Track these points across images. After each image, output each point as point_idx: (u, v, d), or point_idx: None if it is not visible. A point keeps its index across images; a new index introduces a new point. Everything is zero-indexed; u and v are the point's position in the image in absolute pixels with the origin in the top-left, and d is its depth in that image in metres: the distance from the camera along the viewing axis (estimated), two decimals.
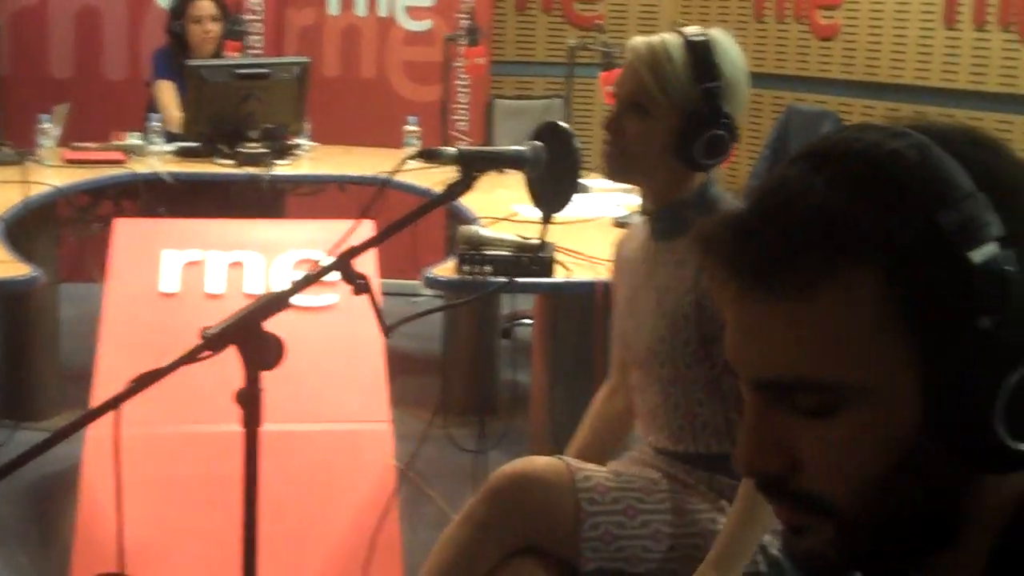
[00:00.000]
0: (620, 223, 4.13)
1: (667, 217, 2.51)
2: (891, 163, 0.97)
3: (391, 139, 6.10)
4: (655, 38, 2.46)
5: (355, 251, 2.15)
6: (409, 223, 2.21)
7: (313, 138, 5.85)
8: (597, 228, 4.00)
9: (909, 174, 0.96)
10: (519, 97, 7.03)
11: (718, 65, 2.42)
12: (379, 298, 2.20)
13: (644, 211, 2.59)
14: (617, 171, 2.53)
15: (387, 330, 2.21)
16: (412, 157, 2.35)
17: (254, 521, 2.09)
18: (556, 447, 3.26)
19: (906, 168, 0.96)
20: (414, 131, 5.75)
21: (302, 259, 4.12)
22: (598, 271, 3.41)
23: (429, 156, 2.30)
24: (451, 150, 2.28)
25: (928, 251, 0.94)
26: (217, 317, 3.82)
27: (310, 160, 5.65)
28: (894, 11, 6.54)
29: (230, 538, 3.34)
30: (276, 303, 2.06)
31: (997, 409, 0.93)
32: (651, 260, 2.54)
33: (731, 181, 6.45)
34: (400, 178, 5.18)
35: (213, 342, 1.99)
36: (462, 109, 7.22)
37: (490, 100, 6.62)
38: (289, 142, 5.54)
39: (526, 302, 5.82)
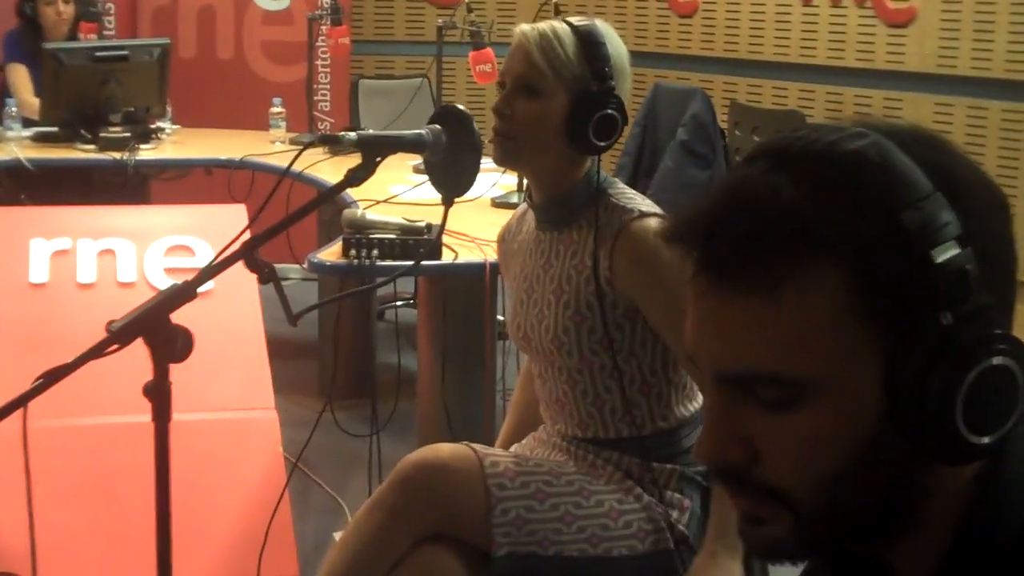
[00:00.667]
0: (498, 203, 4.14)
1: (555, 207, 2.51)
2: (853, 163, 0.99)
3: (253, 121, 6.02)
4: (542, 24, 2.48)
5: (259, 239, 2.11)
6: (314, 208, 2.17)
7: (174, 121, 5.74)
8: (476, 209, 3.99)
9: (871, 174, 0.98)
10: (382, 77, 6.98)
11: (605, 47, 2.44)
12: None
13: (530, 202, 2.58)
14: (508, 154, 2.51)
15: (294, 319, 2.17)
16: (310, 145, 2.30)
17: (167, 514, 2.04)
18: (449, 430, 3.26)
19: (868, 168, 0.98)
20: (279, 112, 5.68)
21: (175, 246, 4.05)
22: (485, 252, 3.40)
23: (329, 142, 2.26)
24: (352, 135, 2.25)
25: (892, 250, 0.96)
26: (89, 307, 3.79)
27: (173, 144, 5.54)
28: None
29: (128, 532, 3.31)
30: (182, 294, 2.01)
31: (957, 403, 0.96)
32: (545, 251, 2.54)
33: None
34: (267, 161, 5.13)
35: (120, 335, 1.94)
36: (323, 89, 7.14)
37: (354, 80, 6.56)
38: (152, 125, 5.43)
39: (403, 284, 5.80)
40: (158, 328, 1.97)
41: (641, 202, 2.45)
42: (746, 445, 1.02)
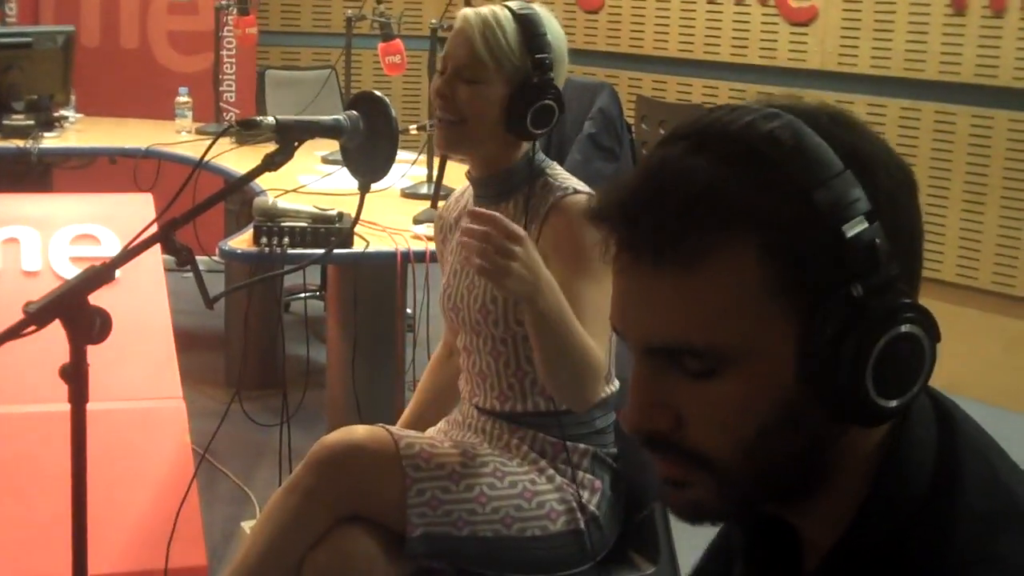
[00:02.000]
0: (407, 193, 4.15)
1: (493, 183, 2.55)
2: (768, 144, 1.03)
3: (158, 110, 5.96)
4: (484, 9, 2.50)
5: (177, 223, 2.11)
6: (232, 192, 2.18)
7: (78, 110, 5.67)
8: (386, 198, 4.01)
9: (785, 154, 1.02)
10: (289, 67, 6.95)
11: (546, 36, 2.47)
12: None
13: (469, 176, 2.62)
14: (450, 141, 2.53)
15: (210, 302, 2.17)
16: (227, 130, 2.30)
17: (83, 497, 2.04)
18: (359, 420, 3.26)
19: (781, 148, 1.03)
20: (185, 102, 5.63)
21: (80, 234, 4.01)
22: (396, 241, 3.42)
23: (247, 126, 2.26)
24: (269, 120, 2.25)
25: (805, 226, 1.01)
26: None
27: (77, 132, 5.48)
28: None
29: (37, 520, 3.28)
30: (100, 276, 2.01)
31: (867, 369, 1.01)
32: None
33: None
34: (171, 149, 5.10)
35: (37, 316, 1.93)
36: (229, 80, 7.09)
37: (261, 71, 6.52)
38: (55, 114, 5.36)
39: (309, 275, 5.78)
40: (76, 309, 1.97)
41: (576, 182, 2.50)
42: (671, 412, 1.06)
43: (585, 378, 2.32)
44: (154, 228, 2.12)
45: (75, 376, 1.99)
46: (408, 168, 4.24)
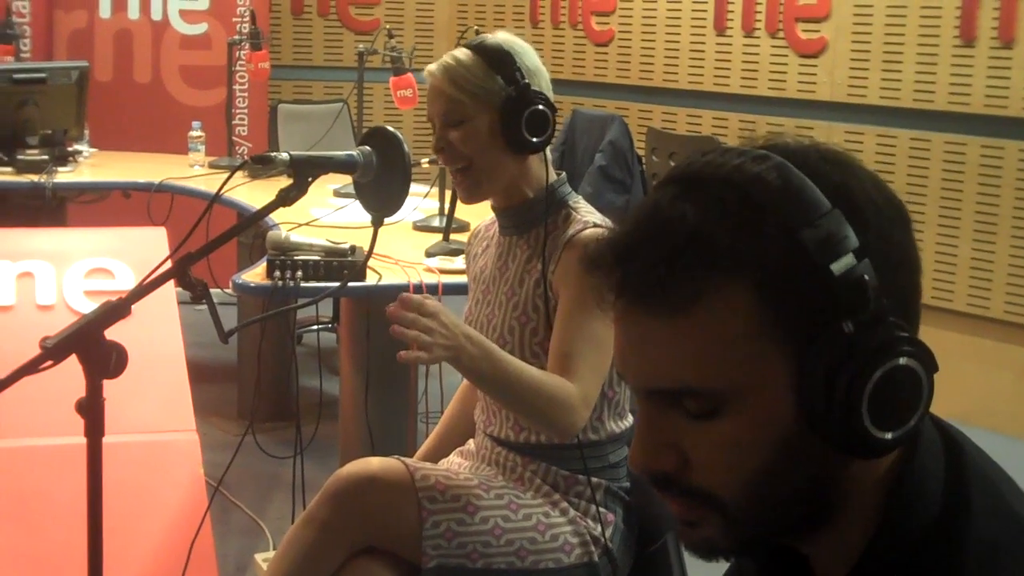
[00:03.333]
0: (420, 226, 4.17)
1: (516, 213, 2.57)
2: (755, 186, 1.05)
3: (171, 144, 6.01)
4: (444, 57, 2.56)
5: (192, 257, 2.13)
6: (248, 226, 2.20)
7: (92, 144, 5.71)
8: (398, 232, 4.03)
9: (772, 195, 1.05)
10: (300, 101, 7.00)
11: (509, 53, 2.53)
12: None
13: (494, 208, 2.64)
14: (470, 190, 2.57)
15: (225, 336, 2.19)
16: (243, 166, 2.32)
17: (99, 530, 2.05)
18: (372, 452, 3.27)
19: (769, 190, 1.05)
20: (198, 136, 5.67)
21: (94, 268, 4.03)
22: (409, 274, 3.43)
23: (261, 162, 2.28)
24: (284, 156, 2.28)
25: (793, 266, 1.03)
26: (8, 330, 3.76)
27: (91, 166, 5.51)
28: (666, 17, 6.75)
29: (51, 554, 3.29)
30: (116, 311, 2.03)
31: (863, 402, 1.02)
32: (503, 254, 2.61)
33: None
34: (185, 183, 5.13)
35: (55, 351, 1.95)
36: (241, 114, 7.13)
37: (273, 105, 6.56)
38: (69, 148, 5.40)
39: (321, 308, 5.79)
40: (92, 344, 1.99)
41: (599, 217, 2.52)
42: (676, 452, 1.09)
43: (548, 411, 2.35)
44: (169, 263, 2.14)
45: (91, 410, 2.01)
46: (420, 201, 4.26)
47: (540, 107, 2.50)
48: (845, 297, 1.02)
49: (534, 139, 2.50)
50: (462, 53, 2.54)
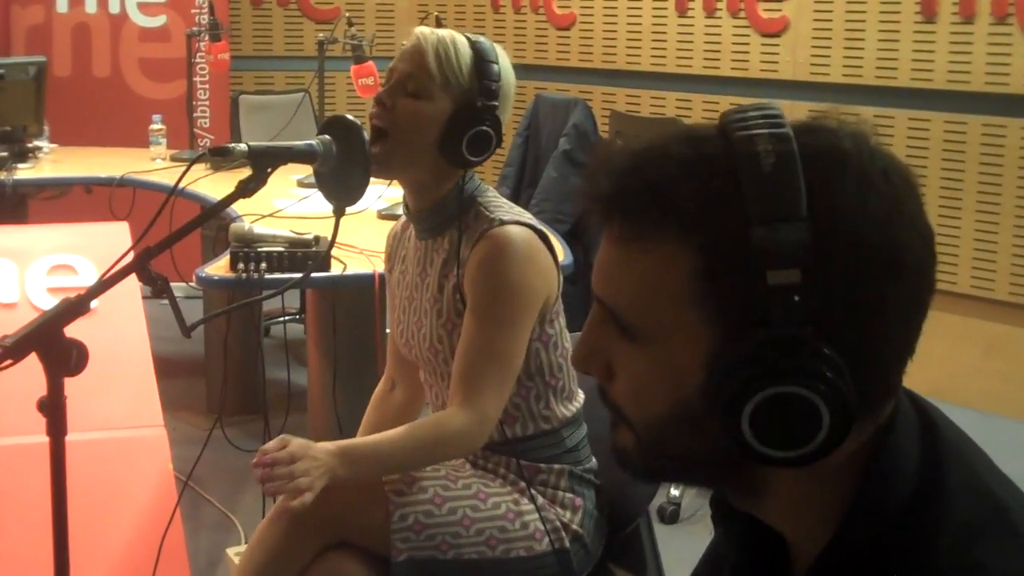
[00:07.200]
0: (384, 215, 4.14)
1: (428, 216, 2.53)
2: (746, 167, 1.04)
3: (132, 138, 5.96)
4: (441, 30, 2.49)
5: (152, 252, 2.10)
6: (206, 220, 2.17)
7: (51, 140, 5.66)
8: (362, 221, 4.00)
9: (751, 182, 1.03)
10: (262, 92, 6.95)
11: (496, 66, 2.48)
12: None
13: (406, 211, 2.60)
14: (380, 160, 2.47)
15: (187, 330, 2.16)
16: (200, 158, 2.30)
17: (64, 531, 2.02)
18: None
19: (754, 176, 1.03)
20: (159, 129, 5.62)
21: (57, 264, 3.99)
22: (374, 263, 3.41)
23: (220, 154, 2.25)
24: (242, 147, 2.24)
25: (733, 254, 1.02)
26: None
27: (52, 162, 5.47)
28: (627, 0, 6.73)
29: (18, 554, 3.26)
30: (76, 307, 1.99)
31: (744, 414, 1.02)
32: (422, 259, 2.57)
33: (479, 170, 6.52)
34: (146, 177, 5.09)
35: (13, 350, 1.92)
36: (203, 106, 7.09)
37: (234, 96, 6.52)
38: (29, 144, 5.35)
39: (288, 299, 5.77)
40: (52, 342, 1.96)
41: (508, 211, 2.48)
42: (606, 363, 1.13)
43: (445, 454, 2.43)
44: (129, 258, 2.11)
45: (53, 409, 1.98)
46: (384, 190, 4.22)
47: (488, 129, 2.45)
48: (768, 307, 1.01)
49: (469, 156, 2.46)
50: (460, 39, 2.48)
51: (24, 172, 5.14)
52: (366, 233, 3.77)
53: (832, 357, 1.01)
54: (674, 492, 4.32)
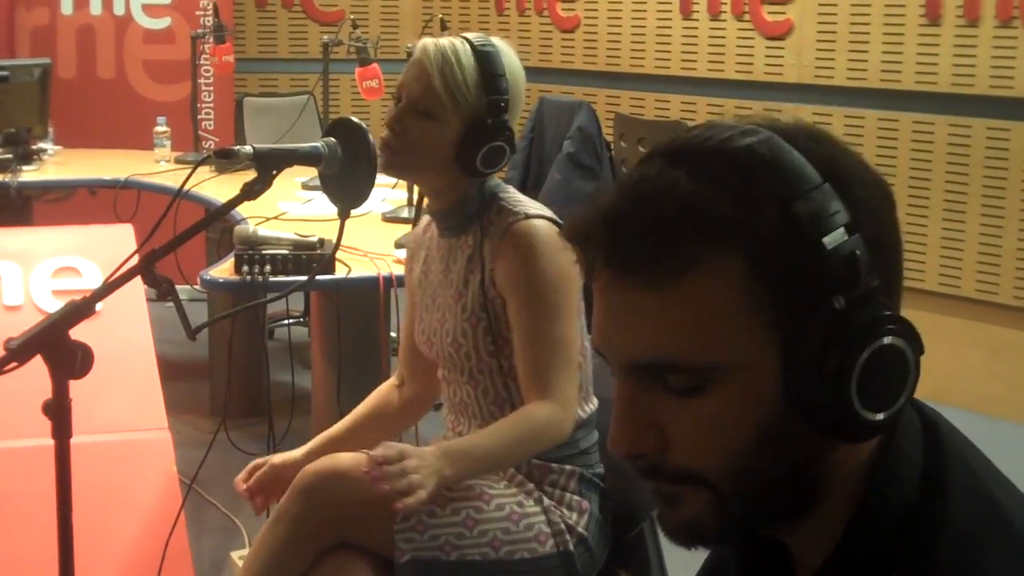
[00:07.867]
0: (388, 217, 4.15)
1: (450, 215, 2.54)
2: (746, 157, 1.03)
3: (137, 140, 5.97)
4: (444, 41, 2.49)
5: (156, 254, 2.10)
6: (212, 222, 2.18)
7: (56, 142, 5.66)
8: (367, 223, 4.01)
9: (763, 167, 1.03)
10: (266, 94, 6.96)
11: (504, 77, 2.47)
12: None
13: (428, 211, 2.61)
14: (393, 165, 2.51)
15: (192, 333, 2.17)
16: (205, 160, 2.30)
17: (69, 533, 2.02)
18: None
19: (759, 162, 1.03)
20: (164, 131, 5.63)
21: (61, 267, 4.00)
22: (379, 266, 3.41)
23: (224, 156, 2.26)
24: (247, 149, 2.25)
25: (785, 239, 1.01)
26: None
27: (56, 164, 5.48)
28: (632, 2, 6.74)
29: (24, 557, 3.26)
30: (81, 310, 2.00)
31: (852, 383, 1.00)
32: (445, 257, 2.57)
33: None
34: (153, 180, 5.09)
35: (19, 352, 1.92)
36: (207, 108, 7.09)
37: (239, 98, 6.52)
38: (33, 146, 5.36)
39: (292, 302, 5.77)
40: (57, 344, 1.96)
41: (529, 205, 2.49)
42: (657, 432, 1.05)
43: (539, 445, 2.43)
44: (134, 260, 2.11)
45: (58, 411, 1.99)
46: (388, 192, 4.24)
47: (502, 144, 2.47)
48: (837, 273, 1.00)
49: (484, 169, 2.48)
50: (463, 49, 2.47)
51: (29, 174, 5.15)
52: (371, 236, 3.78)
53: (888, 301, 1.03)
54: None
